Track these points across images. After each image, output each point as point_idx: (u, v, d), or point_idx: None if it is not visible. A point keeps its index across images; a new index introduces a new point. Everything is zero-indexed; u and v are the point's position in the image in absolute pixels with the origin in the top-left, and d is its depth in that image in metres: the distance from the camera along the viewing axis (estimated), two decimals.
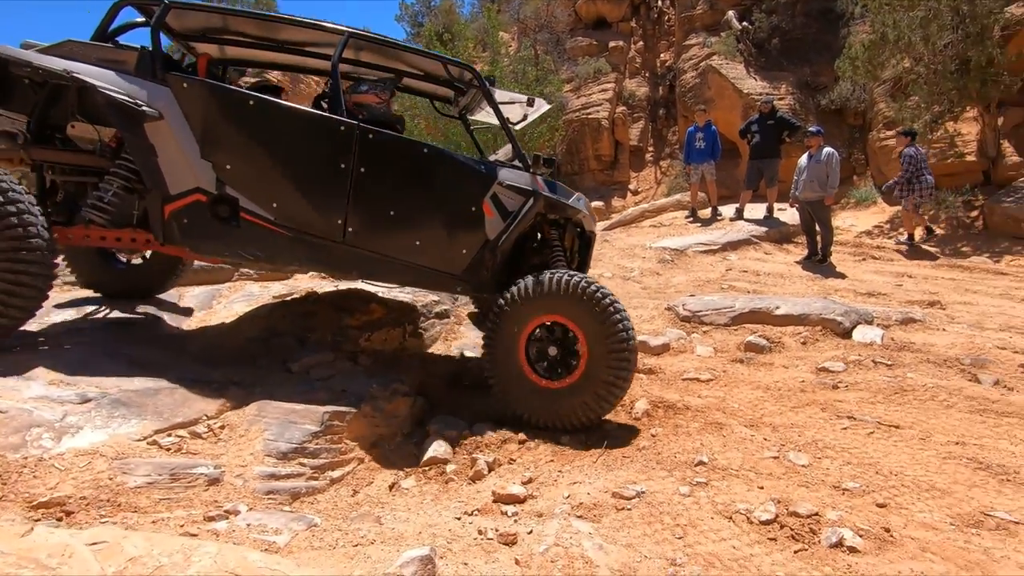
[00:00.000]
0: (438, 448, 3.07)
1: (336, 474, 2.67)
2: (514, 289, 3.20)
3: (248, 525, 1.95)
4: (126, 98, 2.94)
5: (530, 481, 2.61)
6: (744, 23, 13.54)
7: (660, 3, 17.60)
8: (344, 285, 4.93)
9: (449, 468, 2.92)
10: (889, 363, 3.76)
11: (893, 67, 9.91)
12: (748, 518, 2.17)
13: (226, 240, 3.13)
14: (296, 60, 4.20)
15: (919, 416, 3.04)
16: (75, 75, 2.92)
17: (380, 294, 4.74)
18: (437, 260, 3.39)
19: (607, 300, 3.06)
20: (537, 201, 3.43)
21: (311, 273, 4.64)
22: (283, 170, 3.13)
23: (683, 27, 15.12)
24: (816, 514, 2.16)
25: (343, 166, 3.17)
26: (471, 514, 2.29)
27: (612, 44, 17.58)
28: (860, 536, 2.03)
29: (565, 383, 3.14)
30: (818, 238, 7.44)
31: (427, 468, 2.99)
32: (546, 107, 4.53)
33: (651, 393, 3.50)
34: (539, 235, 3.68)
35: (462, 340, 4.90)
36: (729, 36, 13.46)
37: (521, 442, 3.20)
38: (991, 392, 3.27)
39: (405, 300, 4.70)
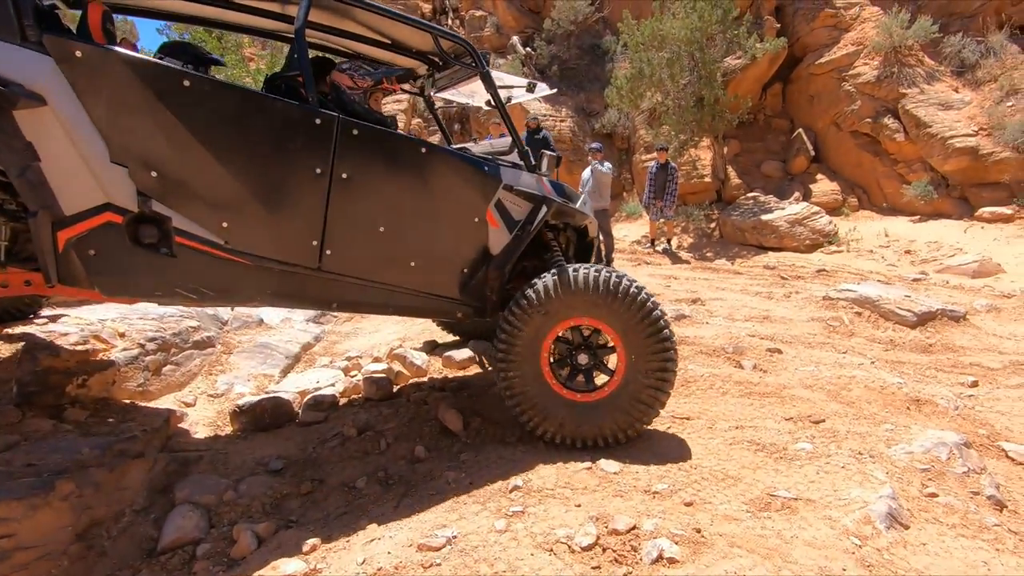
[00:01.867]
0: (185, 523, 2.30)
1: None
2: (535, 289, 2.65)
3: None
4: None
5: (314, 549, 2.05)
6: (528, 49, 14.48)
7: (451, 22, 17.99)
8: (78, 308, 3.65)
9: (201, 550, 2.19)
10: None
11: (649, 99, 11.45)
12: (569, 546, 1.95)
13: (156, 275, 2.21)
14: (220, 14, 2.93)
15: (704, 405, 3.25)
16: None
17: (109, 320, 3.61)
18: (434, 283, 2.77)
19: (646, 298, 2.64)
20: (548, 209, 2.90)
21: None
22: (236, 178, 2.27)
23: None
24: (634, 527, 2.03)
25: (319, 171, 2.40)
26: None
27: None
28: (676, 543, 1.95)
29: (599, 395, 2.69)
30: (602, 246, 8.07)
31: (168, 555, 2.21)
32: (548, 91, 3.89)
33: (460, 409, 3.17)
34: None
35: (232, 373, 4.01)
36: (515, 60, 14.24)
37: (306, 494, 2.60)
38: (752, 376, 3.68)
39: (146, 327, 3.65)
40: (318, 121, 2.39)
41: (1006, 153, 8.71)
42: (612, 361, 2.77)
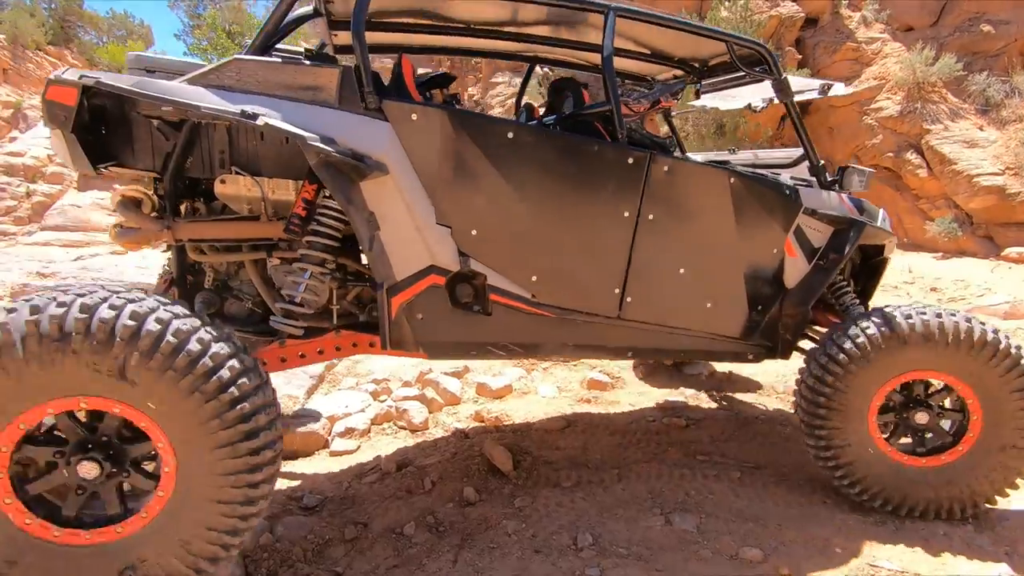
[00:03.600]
0: (219, 571, 2.04)
1: None
2: (856, 340, 2.30)
3: None
4: (344, 152, 1.90)
5: None
6: (545, 69, 14.49)
7: None
8: None
9: None
10: (723, 397, 3.83)
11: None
12: None
13: (471, 334, 2.24)
14: (476, 43, 3.01)
15: (772, 453, 3.03)
16: (272, 124, 1.83)
17: None
18: (727, 324, 2.55)
19: (1009, 344, 2.28)
20: (859, 233, 2.59)
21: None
22: (547, 228, 2.23)
23: (490, 65, 15.64)
24: None
25: (627, 214, 2.29)
26: None
27: (420, 71, 17.50)
28: None
29: (946, 459, 2.37)
30: None
31: None
32: (844, 91, 3.63)
33: (508, 446, 2.94)
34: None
35: None
36: (533, 80, 14.24)
37: (350, 541, 2.35)
38: None
39: None
40: (630, 160, 2.25)
41: None
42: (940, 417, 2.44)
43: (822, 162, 2.65)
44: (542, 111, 3.23)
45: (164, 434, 1.63)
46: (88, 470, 1.62)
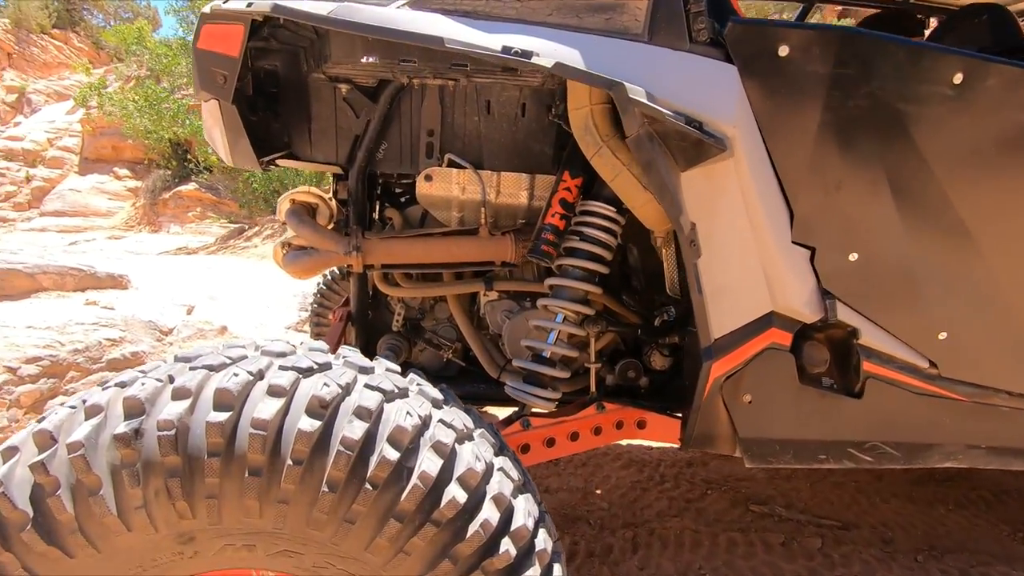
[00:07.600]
0: None
1: None
2: None
3: None
4: (679, 116, 1.10)
5: None
6: None
7: None
8: None
9: None
10: None
11: None
12: None
13: (823, 427, 1.30)
14: None
15: (861, 502, 2.06)
16: (566, 65, 1.08)
17: None
18: None
19: None
20: None
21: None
22: (986, 247, 1.26)
23: None
24: None
25: None
26: None
27: None
28: None
29: None
30: None
31: None
32: None
33: None
34: None
35: None
36: None
37: None
38: None
39: (28, 341, 2.59)
40: None
41: None
42: None
43: None
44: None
45: None
46: None
